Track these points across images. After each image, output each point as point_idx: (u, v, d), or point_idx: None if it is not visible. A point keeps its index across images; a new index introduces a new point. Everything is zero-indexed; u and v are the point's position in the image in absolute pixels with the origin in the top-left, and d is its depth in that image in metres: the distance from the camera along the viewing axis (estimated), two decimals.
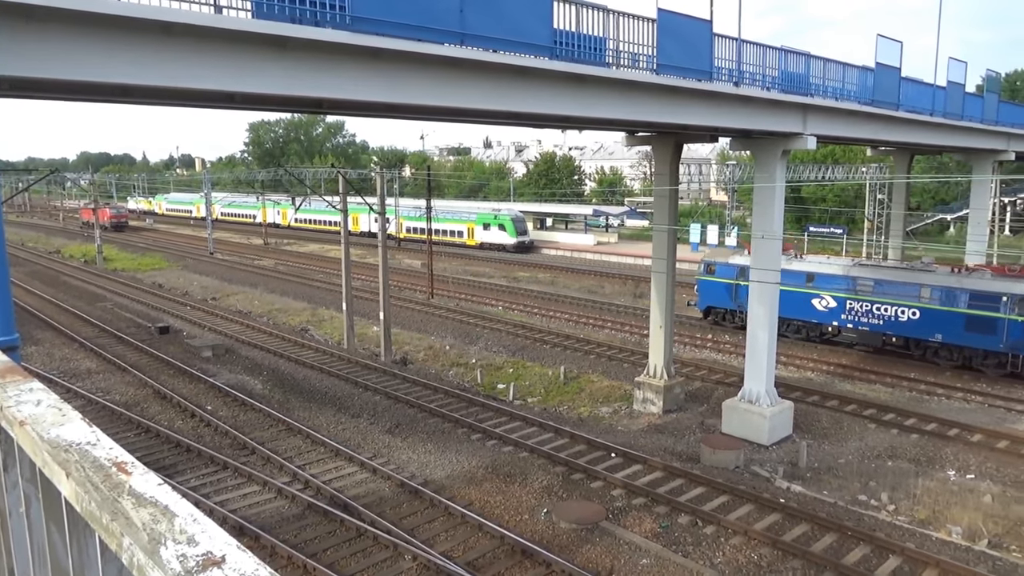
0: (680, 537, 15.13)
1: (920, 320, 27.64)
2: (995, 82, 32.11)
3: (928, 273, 28.07)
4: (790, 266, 30.85)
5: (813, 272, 30.59)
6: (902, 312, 28.04)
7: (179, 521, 1.29)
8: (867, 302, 29.02)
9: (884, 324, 28.69)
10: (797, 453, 19.66)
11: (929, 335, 27.63)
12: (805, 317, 30.91)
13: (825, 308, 30.16)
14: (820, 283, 30.20)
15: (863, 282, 29.20)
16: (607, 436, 21.19)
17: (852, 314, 29.46)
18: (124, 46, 8.98)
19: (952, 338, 27.12)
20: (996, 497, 17.33)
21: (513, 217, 67.03)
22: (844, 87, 20.73)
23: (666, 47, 15.11)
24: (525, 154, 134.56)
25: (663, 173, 23.08)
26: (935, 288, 27.27)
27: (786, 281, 30.84)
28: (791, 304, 30.49)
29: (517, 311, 39.93)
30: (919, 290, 27.67)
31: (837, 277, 29.98)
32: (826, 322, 30.38)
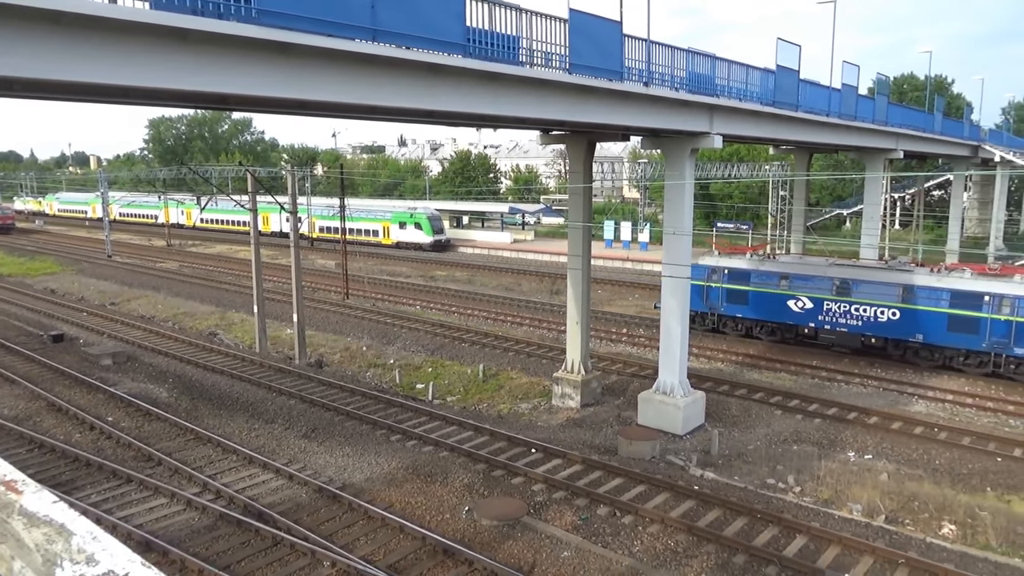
0: (600, 528, 15.42)
1: (900, 320, 27.27)
2: (885, 85, 34.13)
3: (907, 273, 27.68)
4: (762, 267, 30.81)
5: (788, 272, 29.95)
6: (882, 313, 27.59)
7: (77, 540, 1.20)
8: (845, 303, 28.45)
9: (863, 325, 28.17)
10: (709, 441, 20.36)
11: (910, 335, 27.20)
12: (780, 319, 30.24)
13: (801, 309, 29.45)
14: (796, 284, 29.55)
15: (840, 283, 28.61)
16: (527, 432, 21.36)
17: (830, 315, 28.84)
18: (6, 36, 8.38)
19: (934, 338, 26.78)
20: (891, 475, 18.47)
21: (429, 216, 66.63)
22: (748, 88, 21.56)
23: (578, 47, 15.33)
24: (440, 152, 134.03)
25: (577, 171, 23.42)
26: (916, 288, 26.91)
27: (759, 282, 30.81)
28: (765, 306, 30.35)
29: (435, 310, 39.72)
30: (899, 290, 27.32)
31: (813, 277, 29.37)
32: (803, 324, 29.64)
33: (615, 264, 55.77)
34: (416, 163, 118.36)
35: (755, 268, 30.80)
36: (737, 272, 31.27)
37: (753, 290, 30.71)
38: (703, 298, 31.97)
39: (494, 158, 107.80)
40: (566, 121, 17.36)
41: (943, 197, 67.35)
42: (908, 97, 67.18)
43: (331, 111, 15.57)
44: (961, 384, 25.85)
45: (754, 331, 31.41)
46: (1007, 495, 17.54)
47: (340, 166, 53.24)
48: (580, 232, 23.72)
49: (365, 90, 12.19)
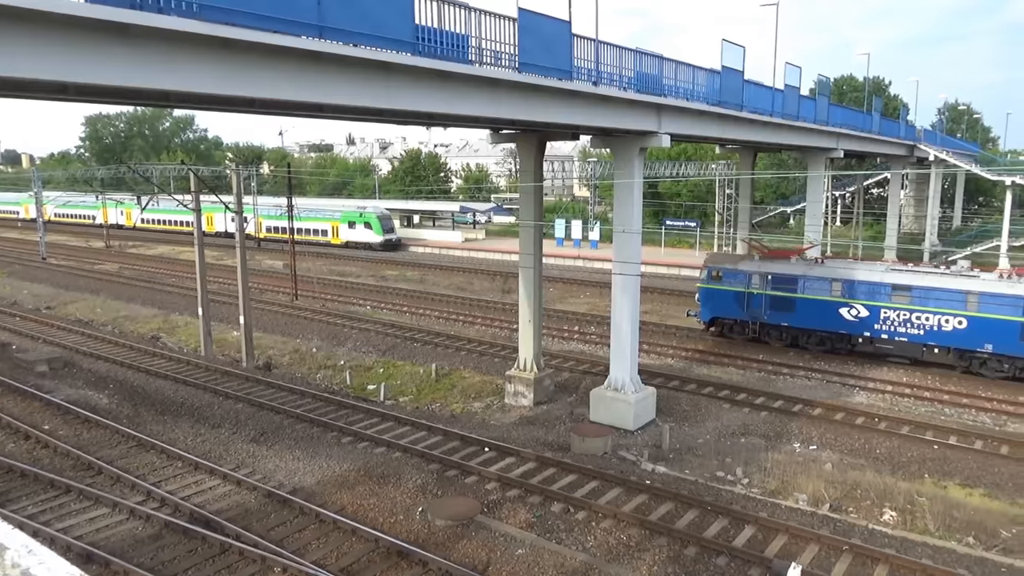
0: (554, 525, 15.50)
1: (968, 330, 25.61)
2: (826, 86, 35.11)
3: (974, 279, 26.06)
4: (813, 272, 29.07)
5: (842, 278, 28.15)
6: (946, 321, 25.90)
7: (11, 554, 1.14)
8: (906, 311, 26.71)
9: (926, 334, 26.47)
10: (660, 436, 20.66)
11: (979, 345, 25.60)
12: (832, 328, 28.43)
13: (855, 318, 27.67)
14: (850, 290, 27.80)
15: (900, 289, 26.94)
16: (480, 431, 21.33)
17: (888, 324, 27.14)
18: None
19: (1005, 348, 25.14)
20: (835, 465, 19.03)
21: (379, 215, 66.00)
22: (694, 88, 21.92)
23: (528, 46, 15.36)
24: (390, 151, 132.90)
25: (528, 170, 23.48)
26: (985, 294, 25.20)
27: (809, 288, 28.76)
28: (815, 314, 28.60)
29: (386, 310, 39.36)
30: (966, 297, 25.63)
31: (870, 283, 27.57)
32: (857, 333, 27.90)
33: (566, 262, 56.12)
34: (365, 162, 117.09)
35: (804, 273, 28.95)
36: (783, 277, 29.36)
37: (801, 297, 28.79)
38: (743, 306, 30.27)
39: (444, 157, 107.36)
40: (516, 120, 17.38)
41: (881, 195, 69.76)
42: (848, 98, 69.29)
43: (278, 109, 15.29)
44: (899, 375, 26.79)
45: (800, 341, 29.63)
46: (943, 481, 18.25)
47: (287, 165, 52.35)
48: (531, 231, 23.79)
49: (312, 88, 11.99)
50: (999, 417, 22.78)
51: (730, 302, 30.65)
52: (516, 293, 26.18)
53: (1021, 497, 17.35)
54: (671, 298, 42.25)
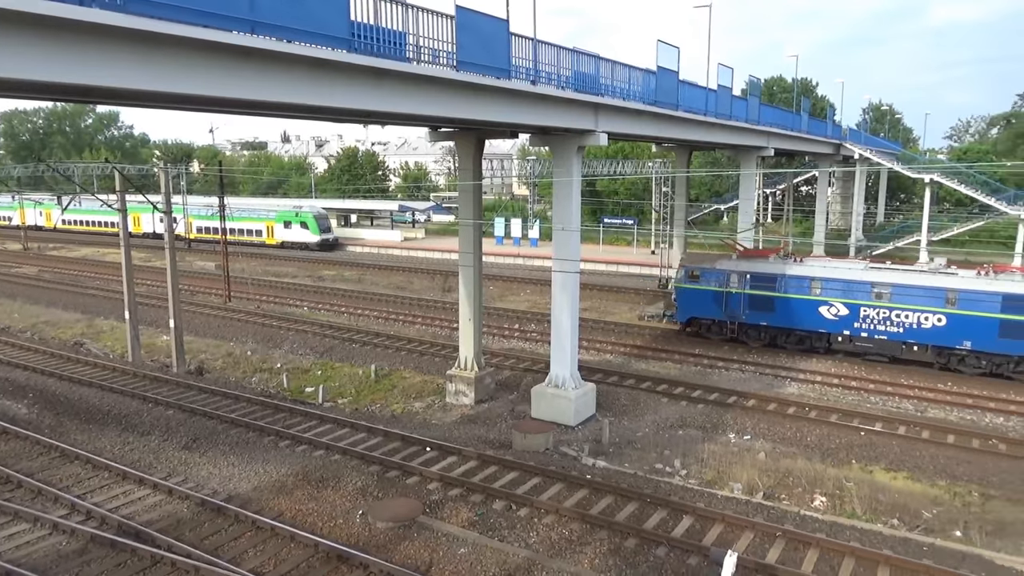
0: (496, 522, 15.51)
1: (947, 327, 25.89)
2: (756, 86, 36.14)
3: (952, 276, 26.33)
4: (792, 271, 28.97)
5: (822, 277, 28.23)
6: (926, 319, 26.18)
7: None
8: (885, 309, 26.91)
9: (905, 332, 26.71)
10: (600, 431, 20.92)
11: (957, 342, 25.89)
12: (811, 327, 28.51)
13: (835, 316, 27.79)
14: (829, 289, 27.88)
15: (880, 287, 27.12)
16: (421, 431, 21.19)
17: (867, 322, 27.33)
18: None
19: (983, 345, 25.47)
20: (768, 454, 19.62)
21: (316, 214, 64.87)
22: (631, 88, 22.24)
23: (465, 44, 15.31)
24: (326, 149, 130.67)
25: (467, 168, 23.42)
26: (964, 292, 25.43)
27: (788, 287, 28.75)
28: (794, 313, 28.62)
29: (324, 311, 38.71)
30: (946, 294, 25.84)
31: (850, 282, 27.67)
32: (837, 331, 28.00)
33: (506, 260, 56.24)
34: (301, 160, 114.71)
35: (783, 272, 28.97)
36: (763, 276, 29.25)
37: (781, 296, 28.77)
38: (721, 306, 30.11)
39: (382, 155, 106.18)
40: (455, 118, 17.31)
41: (810, 192, 72.20)
42: (777, 98, 71.45)
43: (209, 105, 14.85)
44: (828, 366, 27.79)
45: (779, 340, 29.69)
46: (870, 466, 19.04)
47: (219, 163, 50.88)
48: (471, 229, 23.75)
49: (244, 84, 11.67)
50: (920, 404, 23.88)
51: (708, 302, 30.47)
52: (456, 292, 26.10)
53: (941, 479, 18.24)
54: (610, 295, 42.84)
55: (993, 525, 15.75)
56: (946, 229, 49.95)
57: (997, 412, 22.99)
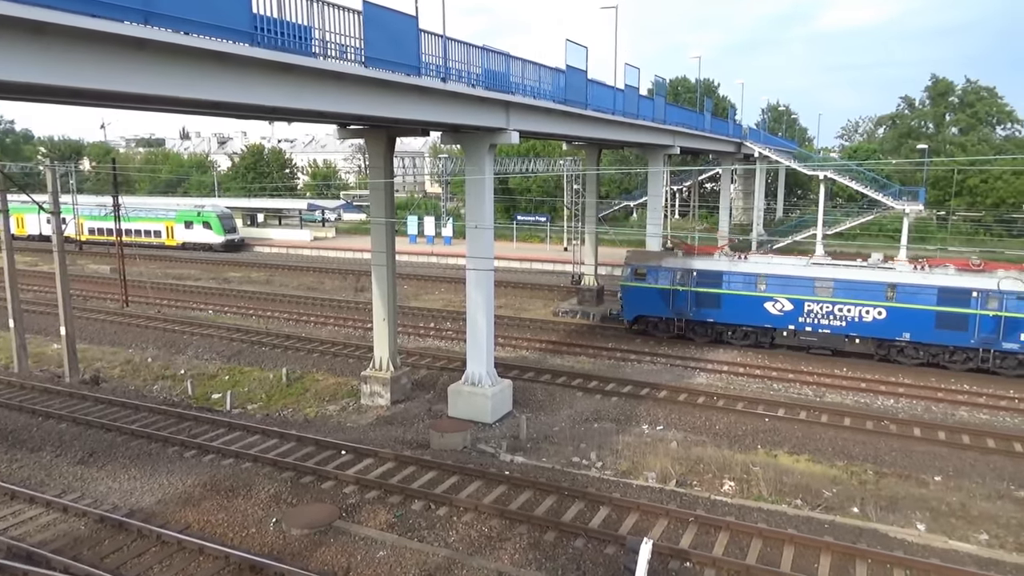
0: (415, 523, 15.37)
1: (887, 320, 26.83)
2: (662, 87, 37.13)
3: (891, 271, 27.25)
4: (738, 268, 29.47)
5: (766, 273, 28.79)
6: (867, 312, 26.99)
7: None
8: (828, 303, 27.64)
9: (848, 326, 27.49)
10: (518, 427, 21.05)
11: (897, 334, 26.87)
12: (757, 322, 29.08)
13: (780, 312, 28.40)
14: (774, 285, 28.48)
15: (823, 283, 27.86)
16: (336, 434, 20.75)
17: (811, 317, 27.99)
18: None
19: (921, 336, 26.53)
20: (680, 443, 20.25)
21: (219, 214, 62.51)
22: (541, 87, 22.44)
23: (374, 40, 15.04)
24: (229, 146, 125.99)
25: (377, 166, 23.07)
26: (902, 286, 26.39)
27: (734, 284, 29.18)
28: (740, 309, 29.17)
29: (230, 314, 37.33)
30: (885, 289, 26.80)
31: (794, 278, 28.27)
32: (782, 326, 28.66)
33: (420, 259, 55.81)
34: (202, 158, 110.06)
35: (730, 269, 29.49)
36: (709, 274, 29.66)
37: (727, 293, 29.31)
38: (668, 303, 30.38)
39: (289, 153, 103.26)
40: (364, 115, 17.00)
41: (714, 189, 74.91)
42: (682, 98, 73.76)
43: (98, 99, 14.00)
44: (734, 356, 28.93)
45: (725, 336, 30.21)
46: (774, 450, 19.95)
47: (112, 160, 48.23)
48: (383, 228, 23.41)
49: (138, 78, 11.06)
50: (819, 389, 25.20)
51: (655, 300, 30.64)
52: (369, 291, 25.69)
53: (839, 459, 19.31)
54: (525, 291, 43.19)
55: (886, 500, 16.79)
56: (839, 223, 52.84)
57: (888, 395, 24.52)
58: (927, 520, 15.92)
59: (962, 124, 77.10)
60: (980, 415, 22.85)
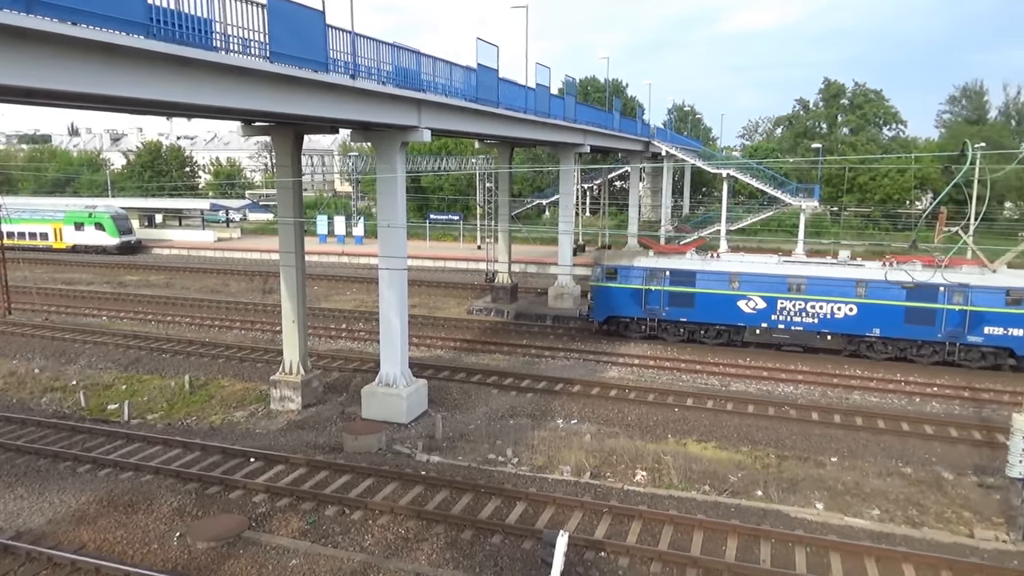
0: (329, 529, 15.04)
1: (858, 316, 27.36)
2: (572, 86, 37.66)
3: (861, 268, 27.57)
4: (710, 267, 29.53)
5: (739, 272, 28.92)
6: (838, 309, 27.48)
7: None
8: (801, 300, 27.94)
9: (819, 322, 27.91)
10: (434, 426, 20.93)
11: (867, 330, 27.45)
12: (730, 321, 29.17)
13: (753, 310, 28.61)
14: (747, 283, 28.66)
15: (796, 280, 28.15)
16: (244, 441, 20.07)
17: (784, 314, 28.28)
18: None
19: (890, 332, 27.14)
20: (593, 435, 20.62)
21: (113, 215, 59.33)
22: (452, 85, 22.36)
23: (279, 35, 14.59)
24: (123, 143, 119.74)
25: (285, 164, 22.43)
26: (872, 283, 26.77)
27: (707, 283, 29.06)
28: (714, 308, 29.20)
29: (127, 319, 35.47)
30: (855, 286, 27.26)
31: (767, 276, 28.57)
32: (755, 324, 28.86)
33: (331, 259, 54.73)
34: (93, 155, 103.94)
35: (702, 268, 29.52)
36: (682, 273, 29.55)
37: (701, 292, 29.25)
38: (641, 303, 30.10)
39: (190, 150, 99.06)
40: (270, 112, 16.50)
41: (623, 187, 76.66)
42: (592, 98, 75.08)
43: None
44: (644, 349, 29.71)
45: (698, 335, 30.18)
46: (683, 439, 20.61)
47: None
48: (292, 228, 22.77)
49: (19, 70, 10.32)
50: (724, 379, 26.20)
51: (627, 300, 30.35)
52: (278, 293, 24.95)
53: (744, 445, 20.14)
54: (439, 290, 42.99)
55: (788, 482, 17.64)
56: (742, 219, 55.09)
57: (787, 382, 25.76)
58: (825, 499, 16.82)
59: (852, 125, 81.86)
60: (871, 398, 24.35)
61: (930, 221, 37.18)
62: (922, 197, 74.19)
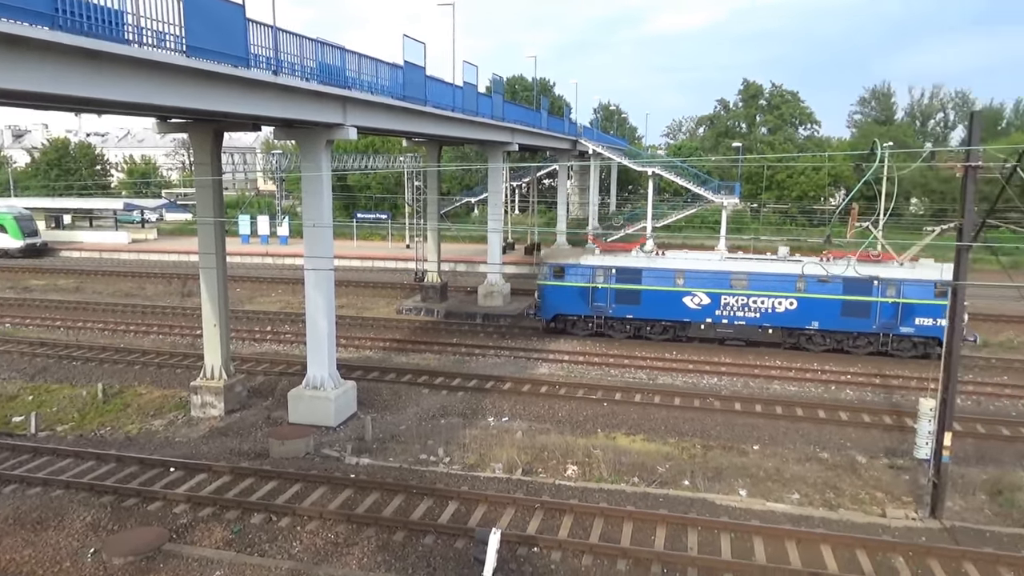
0: (255, 537, 14.62)
1: (798, 310, 28.24)
2: (500, 84, 37.71)
3: (799, 263, 27.85)
4: (656, 264, 29.79)
5: (685, 269, 29.32)
6: (779, 303, 28.29)
7: None
8: (744, 296, 28.61)
9: (762, 317, 28.68)
10: (363, 428, 20.62)
11: (807, 323, 28.38)
12: (676, 317, 29.59)
13: (698, 306, 29.12)
14: (692, 280, 29.03)
15: (739, 276, 28.77)
16: (164, 451, 19.31)
17: (728, 309, 28.92)
18: None
19: (828, 324, 28.16)
20: (525, 432, 20.72)
21: (17, 215, 56.16)
22: (379, 82, 22.04)
23: (196, 29, 14.04)
24: (27, 140, 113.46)
25: (204, 162, 21.67)
26: (810, 278, 27.19)
27: (653, 280, 29.18)
28: (660, 304, 29.52)
29: (33, 326, 33.62)
30: (796, 281, 27.83)
31: (711, 272, 29.14)
32: (700, 320, 29.39)
33: (254, 260, 53.32)
34: None
35: (648, 265, 29.81)
36: (628, 270, 29.83)
37: (647, 289, 29.56)
38: (587, 301, 30.28)
39: (101, 147, 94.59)
40: (187, 108, 15.86)
41: (552, 185, 77.22)
42: (519, 96, 75.43)
43: None
44: (574, 345, 30.06)
45: (644, 331, 30.54)
46: (613, 433, 20.95)
47: None
48: (212, 228, 22.03)
49: None
50: (652, 373, 26.78)
51: (574, 298, 30.49)
52: (198, 296, 24.11)
53: (671, 437, 20.63)
54: (367, 290, 42.42)
55: (713, 471, 18.15)
56: (667, 216, 56.34)
57: (712, 374, 26.53)
58: (748, 486, 17.39)
59: (770, 124, 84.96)
60: (790, 387, 25.33)
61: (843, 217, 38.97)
62: (835, 194, 77.65)
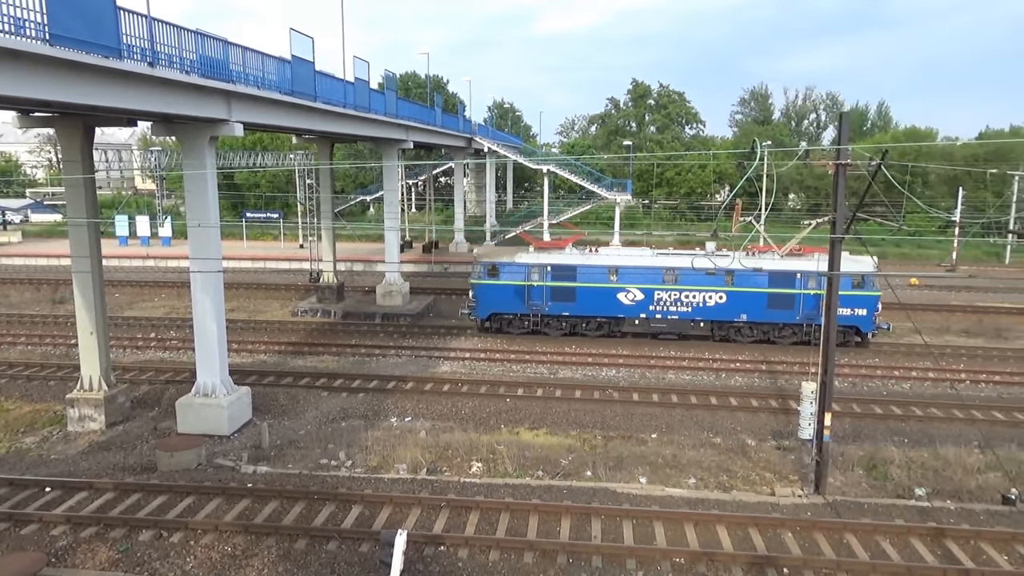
0: (144, 555, 13.79)
1: (727, 303, 29.06)
2: (393, 81, 37.14)
3: (727, 258, 28.16)
4: (591, 261, 29.88)
5: (619, 265, 29.59)
6: (709, 297, 29.04)
7: None
8: (675, 291, 29.16)
9: (693, 311, 29.34)
10: (260, 435, 19.85)
11: (736, 316, 29.24)
12: (611, 313, 29.90)
13: (632, 301, 29.48)
14: (626, 276, 29.34)
15: (670, 272, 29.19)
16: (37, 470, 17.90)
17: (661, 304, 29.39)
18: None
19: (756, 316, 29.11)
20: (428, 431, 20.55)
21: None
22: (266, 77, 21.19)
23: (60, 15, 13.03)
24: None
25: (73, 160, 20.20)
26: (739, 272, 27.68)
27: (588, 277, 29.22)
28: (595, 301, 29.65)
29: None
30: (725, 275, 28.52)
31: (644, 269, 29.41)
32: (634, 315, 29.75)
33: (134, 263, 50.37)
34: None
35: (583, 263, 29.93)
36: (563, 268, 29.85)
37: (582, 286, 29.70)
38: (524, 299, 30.11)
39: None
40: (51, 101, 14.72)
41: (448, 183, 77.02)
42: (413, 93, 74.67)
43: None
44: (474, 342, 30.08)
45: (580, 328, 30.68)
46: (516, 428, 21.10)
47: None
48: (85, 229, 20.58)
49: None
50: (553, 367, 27.15)
51: (509, 296, 30.33)
52: (71, 303, 22.48)
53: (573, 429, 20.99)
54: (259, 292, 40.91)
55: (614, 461, 18.60)
56: (563, 213, 57.29)
57: (610, 367, 27.19)
58: (647, 473, 17.94)
59: (659, 123, 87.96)
60: (684, 376, 26.32)
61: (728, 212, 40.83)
62: (720, 190, 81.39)
